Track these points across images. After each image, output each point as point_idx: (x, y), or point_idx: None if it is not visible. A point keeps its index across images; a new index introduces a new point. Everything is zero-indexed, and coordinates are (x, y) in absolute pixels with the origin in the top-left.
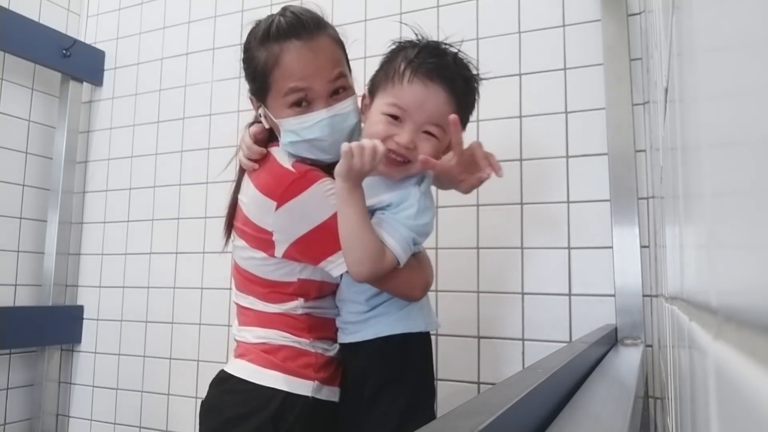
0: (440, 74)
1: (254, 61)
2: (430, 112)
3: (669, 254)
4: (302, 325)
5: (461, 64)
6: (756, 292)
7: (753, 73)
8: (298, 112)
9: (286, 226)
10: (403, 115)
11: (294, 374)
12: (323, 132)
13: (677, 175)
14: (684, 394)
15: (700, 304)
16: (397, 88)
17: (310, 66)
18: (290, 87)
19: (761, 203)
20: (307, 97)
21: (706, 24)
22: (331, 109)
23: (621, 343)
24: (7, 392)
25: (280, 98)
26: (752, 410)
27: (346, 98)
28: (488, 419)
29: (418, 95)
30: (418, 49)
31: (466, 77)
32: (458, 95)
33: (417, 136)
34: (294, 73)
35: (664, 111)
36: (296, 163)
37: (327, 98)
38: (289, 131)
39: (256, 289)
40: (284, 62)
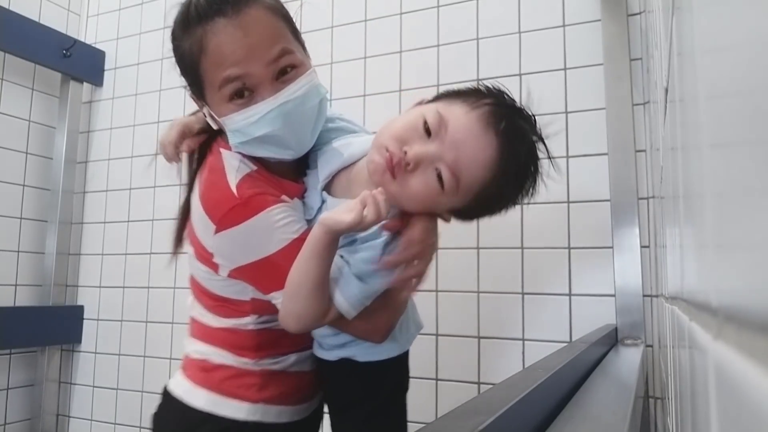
0: (509, 135)
1: (180, 52)
2: (463, 157)
3: (669, 254)
4: (250, 343)
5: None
6: (756, 292)
7: (753, 73)
8: (241, 105)
9: (225, 252)
10: (437, 131)
11: (231, 396)
12: (275, 125)
13: (677, 175)
14: (684, 394)
15: (700, 304)
16: (459, 108)
17: (242, 47)
18: (223, 77)
19: (761, 203)
20: (246, 86)
21: (706, 24)
22: (278, 96)
23: (621, 343)
24: (7, 392)
25: (215, 92)
26: (752, 410)
27: (297, 77)
28: (488, 419)
29: (468, 127)
30: (513, 105)
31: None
32: (506, 171)
33: (426, 165)
34: (224, 59)
35: (665, 111)
36: (245, 179)
37: (272, 83)
38: (234, 131)
39: (207, 301)
40: (210, 47)
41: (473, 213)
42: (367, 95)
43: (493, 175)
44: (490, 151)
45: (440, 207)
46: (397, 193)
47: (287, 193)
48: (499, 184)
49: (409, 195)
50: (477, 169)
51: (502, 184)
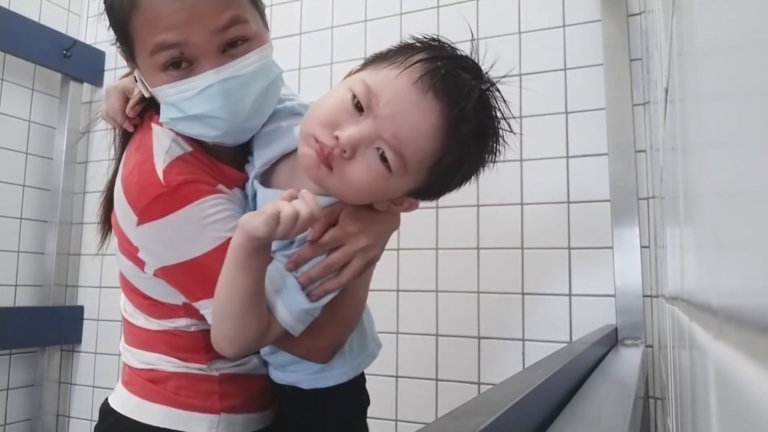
0: (451, 93)
1: (109, 4)
2: (403, 132)
3: (669, 254)
4: (197, 345)
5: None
6: (756, 292)
7: (753, 73)
8: (176, 77)
9: (149, 247)
10: (368, 109)
11: (190, 408)
12: (213, 104)
13: (678, 175)
14: (684, 395)
15: (700, 304)
16: (388, 72)
17: (183, 8)
18: (157, 41)
19: (761, 203)
20: (185, 56)
21: (706, 24)
22: (220, 70)
23: (621, 343)
24: (7, 392)
25: (147, 57)
26: (752, 410)
27: (247, 52)
28: (488, 419)
29: (401, 96)
30: (450, 55)
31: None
32: (458, 136)
33: (365, 147)
34: (160, 20)
35: (665, 111)
36: (175, 163)
37: (217, 55)
38: (167, 105)
39: (139, 300)
40: (144, 3)
41: (436, 190)
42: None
43: (444, 143)
44: (432, 117)
45: (394, 192)
46: (340, 188)
47: (226, 181)
48: (454, 151)
49: (354, 186)
50: (422, 139)
51: (458, 151)
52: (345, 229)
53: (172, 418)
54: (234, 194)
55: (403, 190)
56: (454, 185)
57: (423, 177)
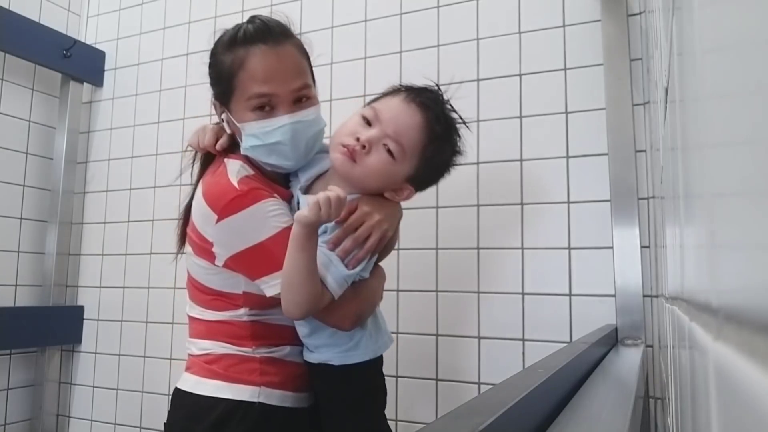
0: (425, 104)
1: (220, 65)
2: (400, 127)
3: (669, 254)
4: (245, 333)
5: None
6: (756, 292)
7: (753, 73)
8: (261, 116)
9: (224, 240)
10: (375, 120)
11: (236, 381)
12: (285, 137)
13: (678, 175)
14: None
15: (700, 304)
16: (384, 99)
17: (275, 71)
18: (255, 92)
19: (761, 203)
20: (270, 102)
21: (706, 24)
22: (294, 116)
23: (621, 343)
24: (7, 392)
25: (243, 101)
26: (752, 410)
27: (309, 107)
28: (488, 419)
29: (395, 107)
30: (421, 87)
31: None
32: (433, 131)
33: (376, 143)
34: (259, 77)
35: (665, 111)
36: (244, 178)
37: (290, 105)
38: (250, 135)
39: (203, 297)
40: (250, 65)
41: (427, 176)
42: (368, 95)
43: (427, 134)
44: (417, 117)
45: (398, 176)
46: (361, 175)
47: (278, 195)
48: (435, 141)
49: (370, 173)
50: (412, 131)
51: (437, 141)
52: (363, 211)
53: (223, 389)
54: (283, 203)
55: (403, 175)
56: (438, 172)
57: (416, 163)
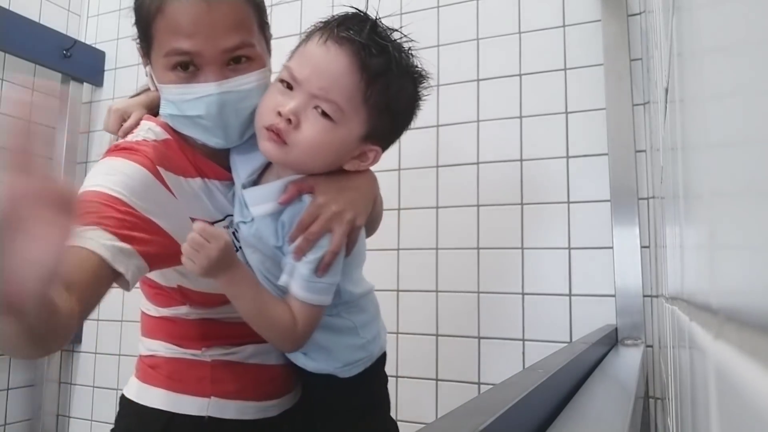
0: (347, 37)
1: (139, 4)
2: (325, 81)
3: (669, 254)
4: (193, 333)
5: (380, 34)
6: (756, 292)
7: (753, 73)
8: (182, 78)
9: None
10: (295, 82)
11: (181, 391)
12: (209, 110)
13: (678, 175)
14: (684, 395)
15: (700, 304)
16: (298, 51)
17: (202, 23)
18: (172, 47)
19: (761, 203)
20: (194, 62)
21: (706, 24)
22: (223, 84)
23: (621, 343)
24: (7, 392)
25: (161, 57)
26: (752, 410)
27: (249, 71)
28: (488, 419)
29: (312, 57)
30: (337, 17)
31: (384, 46)
32: (369, 68)
33: (304, 110)
34: (179, 29)
35: (665, 111)
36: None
37: (222, 67)
38: (168, 101)
39: (146, 288)
40: (169, 11)
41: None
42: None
43: (361, 75)
44: (340, 59)
45: (349, 140)
46: (301, 157)
47: (198, 170)
48: (376, 80)
49: (310, 150)
50: (341, 79)
51: (379, 79)
52: (316, 202)
53: (168, 400)
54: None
55: (354, 136)
56: (401, 115)
57: (365, 116)
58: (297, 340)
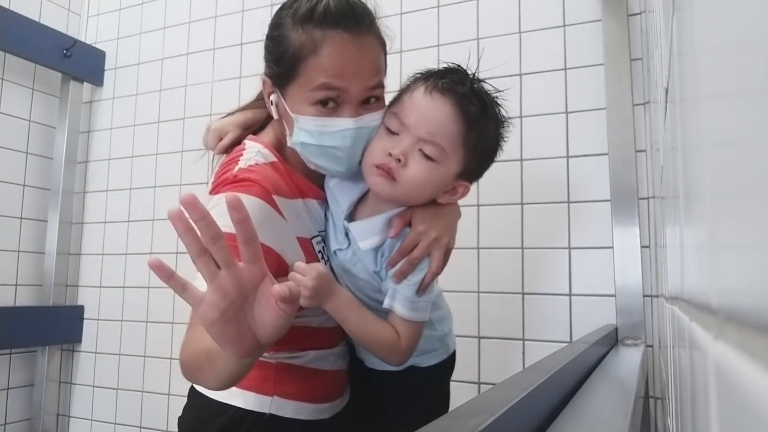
0: (450, 88)
1: (285, 42)
2: (431, 126)
3: (669, 254)
4: None
5: (476, 86)
6: (756, 293)
7: (753, 73)
8: (323, 112)
9: None
10: (401, 128)
11: (248, 388)
12: (344, 142)
13: (678, 175)
14: (684, 395)
15: (700, 304)
16: (403, 100)
17: (353, 65)
18: (323, 83)
19: (761, 203)
20: (337, 99)
21: (706, 24)
22: (359, 120)
23: (621, 343)
24: (7, 392)
25: (306, 91)
26: (752, 410)
27: (377, 110)
28: (488, 419)
29: (419, 106)
30: (439, 70)
31: (481, 97)
32: (468, 116)
33: (411, 152)
34: (332, 69)
35: (665, 111)
36: (252, 166)
37: (357, 105)
38: (304, 130)
39: None
40: (325, 53)
41: (478, 165)
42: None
43: (463, 122)
44: (445, 108)
45: (447, 178)
46: (406, 192)
47: (300, 191)
48: (474, 126)
49: (415, 186)
50: (446, 125)
51: (476, 125)
52: (416, 230)
53: (234, 395)
54: (307, 203)
55: (452, 174)
56: (489, 155)
57: (462, 156)
58: (402, 354)
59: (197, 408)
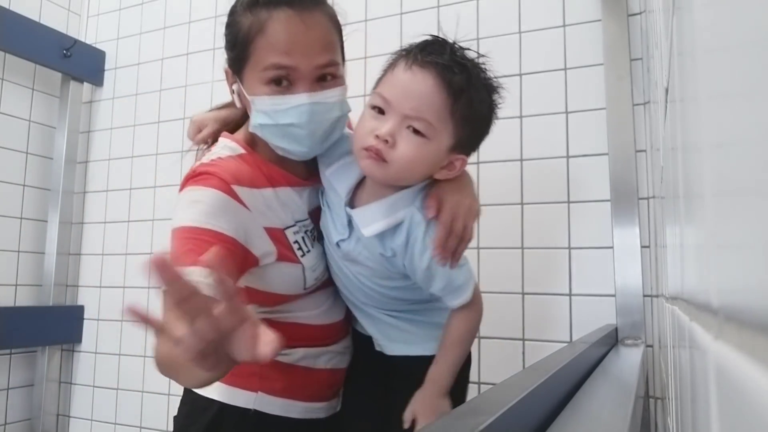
0: (430, 61)
1: (236, 27)
2: (415, 102)
3: (669, 254)
4: None
5: (459, 54)
6: (756, 292)
7: (753, 73)
8: (276, 91)
9: None
10: (387, 106)
11: (233, 384)
12: (300, 119)
13: (678, 175)
14: (684, 394)
15: (700, 304)
16: (385, 78)
17: (299, 41)
18: (272, 62)
19: (761, 203)
20: (288, 77)
21: (706, 24)
22: (313, 95)
23: (621, 343)
24: (7, 392)
25: (258, 72)
26: (752, 410)
27: (334, 87)
28: (488, 419)
29: (400, 82)
30: (417, 44)
31: (464, 65)
32: (453, 86)
33: (399, 130)
34: (279, 45)
35: (665, 111)
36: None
37: (312, 82)
38: (260, 111)
39: None
40: (270, 30)
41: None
42: (368, 95)
43: (448, 93)
44: (427, 80)
45: (440, 153)
46: (399, 171)
47: (270, 180)
48: (461, 96)
49: (407, 164)
50: (431, 98)
51: (463, 94)
52: (451, 202)
53: (220, 391)
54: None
55: (444, 148)
56: (483, 123)
57: (452, 129)
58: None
59: (188, 404)
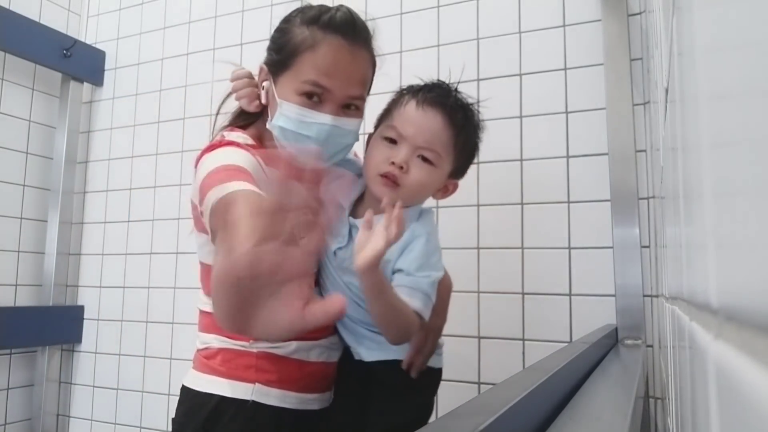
0: (439, 101)
1: (289, 36)
2: (426, 135)
3: (669, 254)
4: None
5: (459, 98)
6: (757, 292)
7: (753, 73)
8: (306, 104)
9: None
10: (400, 137)
11: (231, 377)
12: (320, 135)
13: (677, 175)
14: (684, 395)
15: (700, 304)
16: (397, 113)
17: (342, 69)
18: (313, 78)
19: (761, 203)
20: (321, 95)
21: (706, 24)
22: (336, 119)
23: (621, 343)
24: (7, 392)
25: (296, 81)
26: (752, 410)
27: (355, 118)
28: (488, 419)
29: (414, 118)
30: (425, 86)
31: (464, 107)
32: (456, 123)
33: (411, 158)
34: (323, 67)
35: (665, 111)
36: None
37: (339, 107)
38: (285, 116)
39: (205, 282)
40: (320, 51)
41: (463, 164)
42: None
43: (453, 129)
44: (437, 117)
45: (442, 179)
46: (409, 194)
47: None
48: (461, 132)
49: (417, 189)
50: (439, 133)
51: (463, 130)
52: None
53: (218, 385)
54: None
55: (445, 174)
56: (471, 155)
57: (453, 158)
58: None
59: (186, 403)
